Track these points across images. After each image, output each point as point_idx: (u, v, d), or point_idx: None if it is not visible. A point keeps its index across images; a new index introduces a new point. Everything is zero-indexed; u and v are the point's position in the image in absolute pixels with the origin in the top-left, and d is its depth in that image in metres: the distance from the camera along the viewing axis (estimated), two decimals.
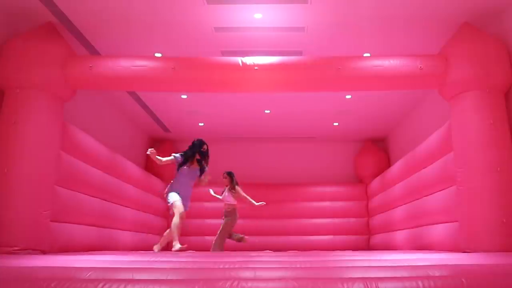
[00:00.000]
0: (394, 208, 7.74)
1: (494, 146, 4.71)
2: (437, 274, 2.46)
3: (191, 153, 5.80)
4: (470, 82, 4.93)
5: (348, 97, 7.72)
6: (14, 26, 5.20)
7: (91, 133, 6.28)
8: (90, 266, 2.75)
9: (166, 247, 6.40)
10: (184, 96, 7.74)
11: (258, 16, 5.31)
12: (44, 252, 4.73)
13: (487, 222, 4.53)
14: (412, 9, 5.08)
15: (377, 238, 9.03)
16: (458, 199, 4.89)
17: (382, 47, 5.94)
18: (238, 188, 6.87)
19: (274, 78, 5.36)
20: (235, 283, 2.27)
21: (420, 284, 2.29)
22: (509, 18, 4.96)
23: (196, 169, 5.87)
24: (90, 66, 5.21)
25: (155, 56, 5.93)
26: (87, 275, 2.45)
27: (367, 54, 5.81)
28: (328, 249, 8.30)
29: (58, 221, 5.08)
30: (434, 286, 2.28)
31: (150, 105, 8.27)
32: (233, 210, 6.76)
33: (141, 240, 7.86)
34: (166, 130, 9.80)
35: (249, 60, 5.27)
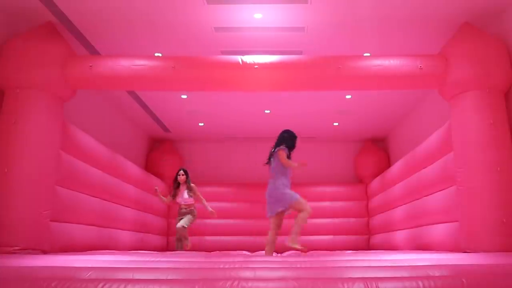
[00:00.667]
0: (394, 208, 7.73)
1: (494, 146, 4.70)
2: (437, 274, 2.46)
3: (292, 143, 5.60)
4: (470, 82, 4.92)
5: (348, 97, 7.72)
6: (14, 26, 5.19)
7: (91, 133, 6.28)
8: (90, 266, 2.76)
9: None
10: (184, 96, 7.74)
11: (258, 16, 5.31)
12: (44, 252, 4.73)
13: (487, 222, 4.53)
14: (412, 9, 5.08)
15: (377, 238, 9.02)
16: (458, 199, 4.89)
17: (382, 47, 5.93)
18: (193, 186, 6.73)
19: (274, 77, 5.35)
20: (235, 283, 2.27)
21: (420, 284, 2.29)
22: (509, 18, 4.95)
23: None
24: (90, 66, 5.20)
25: (155, 55, 5.93)
26: (87, 275, 2.45)
27: (367, 54, 5.81)
28: (328, 249, 8.28)
29: (58, 221, 5.08)
30: (434, 286, 2.29)
31: (150, 105, 8.27)
32: (192, 210, 6.69)
33: (141, 240, 7.86)
34: (166, 130, 9.79)
35: (249, 59, 5.26)
